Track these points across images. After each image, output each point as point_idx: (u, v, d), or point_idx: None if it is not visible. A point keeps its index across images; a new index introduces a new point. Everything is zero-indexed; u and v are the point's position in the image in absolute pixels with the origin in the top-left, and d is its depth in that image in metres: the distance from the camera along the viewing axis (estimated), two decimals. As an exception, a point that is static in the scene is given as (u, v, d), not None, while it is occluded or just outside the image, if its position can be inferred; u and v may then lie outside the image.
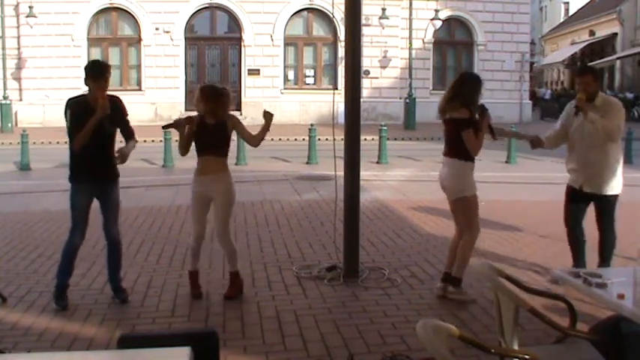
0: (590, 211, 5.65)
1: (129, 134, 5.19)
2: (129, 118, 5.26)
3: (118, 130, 5.13)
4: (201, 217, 5.35)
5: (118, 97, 5.16)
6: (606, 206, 5.52)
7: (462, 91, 5.18)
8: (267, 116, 5.27)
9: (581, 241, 5.72)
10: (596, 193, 5.48)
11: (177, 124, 5.28)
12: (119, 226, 5.40)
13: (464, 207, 5.26)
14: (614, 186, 5.46)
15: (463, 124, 5.10)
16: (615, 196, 5.50)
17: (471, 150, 5.12)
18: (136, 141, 5.24)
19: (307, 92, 24.59)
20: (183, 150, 5.29)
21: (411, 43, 24.59)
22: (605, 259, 5.55)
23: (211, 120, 5.22)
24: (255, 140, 5.35)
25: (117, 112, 5.04)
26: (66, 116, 4.96)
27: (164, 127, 5.49)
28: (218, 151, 5.26)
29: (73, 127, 4.90)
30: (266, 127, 5.28)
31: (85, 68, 5.02)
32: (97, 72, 4.97)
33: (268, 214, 8.75)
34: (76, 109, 4.93)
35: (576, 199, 5.60)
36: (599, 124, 5.18)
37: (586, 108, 5.22)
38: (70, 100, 5.03)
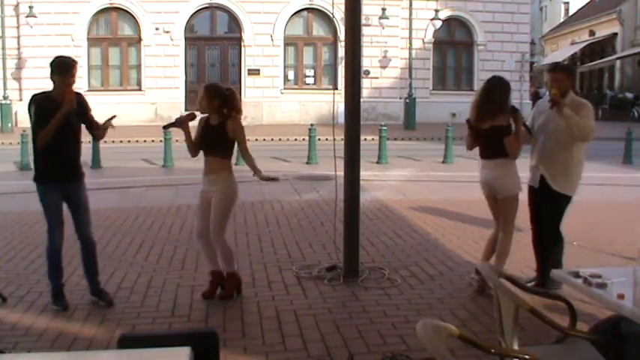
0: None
1: (95, 125, 5.13)
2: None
3: (83, 127, 5.10)
4: (202, 215, 5.36)
5: (81, 94, 5.13)
6: (557, 204, 5.43)
7: (493, 98, 5.24)
8: (264, 177, 5.29)
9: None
10: (550, 190, 5.40)
11: (178, 123, 5.28)
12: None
13: (509, 205, 5.40)
14: (569, 187, 5.37)
15: (504, 131, 5.21)
16: (568, 197, 5.39)
17: (512, 154, 5.24)
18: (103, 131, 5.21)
19: (307, 92, 24.59)
20: (192, 151, 5.34)
21: (411, 43, 24.59)
22: (550, 261, 5.40)
23: (214, 120, 5.23)
24: (247, 159, 5.34)
25: (82, 107, 5.01)
26: (30, 112, 4.87)
27: (165, 127, 5.47)
28: (219, 152, 5.24)
29: (38, 123, 4.82)
30: (257, 171, 5.28)
31: (52, 64, 4.94)
32: (65, 68, 4.92)
33: (268, 214, 8.75)
34: (40, 104, 4.86)
35: (538, 199, 5.55)
36: (574, 120, 5.11)
37: (562, 103, 5.15)
38: (34, 96, 4.95)
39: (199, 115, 5.42)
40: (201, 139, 5.27)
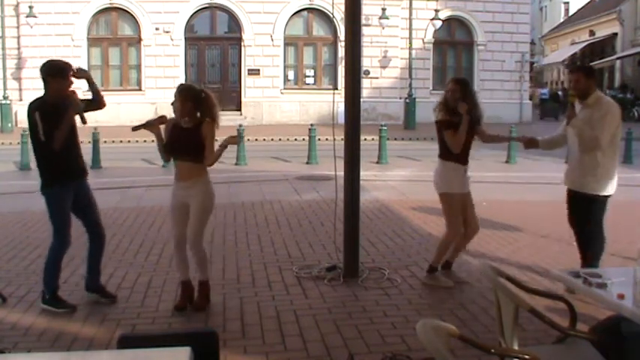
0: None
1: (95, 92, 5.45)
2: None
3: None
4: (179, 221, 5.14)
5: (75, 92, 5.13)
6: (586, 206, 5.35)
7: (444, 96, 5.67)
8: (231, 140, 5.00)
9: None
10: (577, 191, 5.38)
11: (147, 125, 5.07)
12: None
13: (443, 203, 5.72)
14: (595, 187, 5.27)
15: (441, 125, 5.57)
16: (595, 196, 5.28)
17: (451, 147, 5.53)
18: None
19: (307, 92, 24.57)
20: (165, 155, 5.12)
21: (411, 43, 24.58)
22: (587, 260, 5.38)
23: (187, 123, 5.00)
24: (211, 159, 4.99)
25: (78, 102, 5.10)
26: (33, 119, 4.81)
27: (134, 128, 5.09)
28: (193, 156, 4.99)
29: (49, 128, 4.80)
30: (224, 146, 4.97)
31: (48, 69, 4.93)
32: (64, 71, 4.98)
33: (268, 214, 8.75)
34: (42, 109, 4.83)
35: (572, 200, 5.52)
36: (579, 131, 5.16)
37: (572, 114, 5.22)
38: (33, 103, 4.90)
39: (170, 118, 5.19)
40: (171, 143, 5.04)
